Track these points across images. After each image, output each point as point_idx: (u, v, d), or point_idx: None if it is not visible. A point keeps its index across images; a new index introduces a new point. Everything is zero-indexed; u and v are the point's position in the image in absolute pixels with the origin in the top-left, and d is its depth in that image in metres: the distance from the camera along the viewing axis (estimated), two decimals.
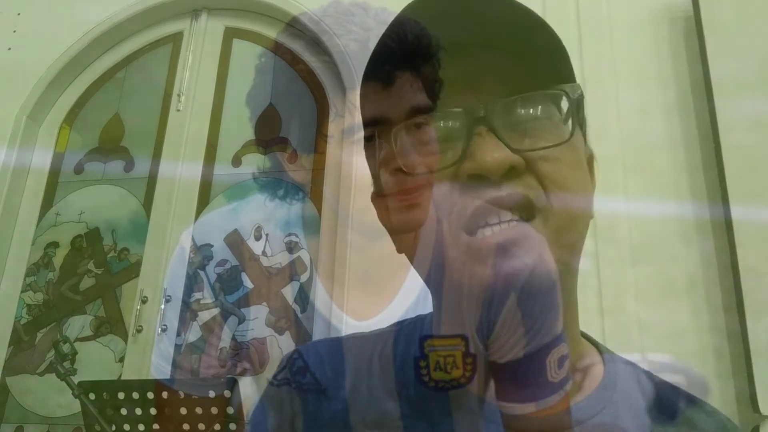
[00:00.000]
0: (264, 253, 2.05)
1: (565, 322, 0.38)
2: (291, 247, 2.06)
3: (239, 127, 2.23)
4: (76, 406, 1.52)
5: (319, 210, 2.04)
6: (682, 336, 1.58)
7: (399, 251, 0.46)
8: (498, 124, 0.40)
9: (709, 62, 1.70)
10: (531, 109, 0.41)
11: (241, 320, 2.00)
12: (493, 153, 0.39)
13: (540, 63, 0.42)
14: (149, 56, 2.46)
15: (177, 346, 2.00)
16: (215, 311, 2.01)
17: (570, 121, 0.42)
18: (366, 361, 0.50)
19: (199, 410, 1.15)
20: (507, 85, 0.41)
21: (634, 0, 1.92)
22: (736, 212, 1.57)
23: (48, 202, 2.33)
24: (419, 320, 0.52)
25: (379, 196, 0.44)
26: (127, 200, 2.26)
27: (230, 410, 1.15)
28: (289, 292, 1.96)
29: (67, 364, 1.38)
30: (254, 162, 2.18)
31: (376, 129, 0.44)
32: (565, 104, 0.42)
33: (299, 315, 1.95)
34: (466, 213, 0.38)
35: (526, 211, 0.40)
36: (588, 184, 0.45)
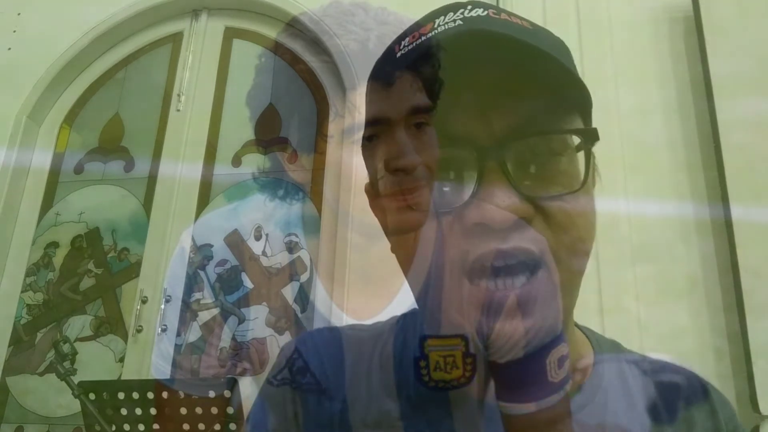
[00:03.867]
0: (264, 253, 2.05)
1: (566, 321, 0.38)
2: (291, 247, 2.06)
3: (239, 127, 2.23)
4: (76, 406, 1.52)
5: (319, 210, 2.04)
6: (682, 336, 1.58)
7: (393, 251, 0.45)
8: (510, 163, 0.38)
9: (709, 62, 1.70)
10: (546, 148, 0.40)
11: (241, 320, 2.00)
12: (502, 202, 0.37)
13: (557, 96, 0.40)
14: (149, 56, 2.46)
15: (177, 346, 2.00)
16: (215, 311, 2.01)
17: (590, 170, 0.40)
18: (366, 361, 0.50)
19: (199, 410, 1.15)
20: (521, 116, 0.39)
21: (634, 0, 1.92)
22: (736, 212, 1.57)
23: (48, 202, 2.33)
24: (417, 314, 0.51)
25: (377, 196, 0.44)
26: (127, 200, 2.26)
27: (230, 410, 1.15)
28: (289, 292, 1.96)
29: (67, 364, 1.38)
30: (254, 162, 2.18)
31: (376, 129, 0.44)
32: (579, 143, 0.40)
33: (299, 315, 1.95)
34: (468, 259, 0.37)
35: (528, 262, 0.38)
36: (594, 216, 0.43)
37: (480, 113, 0.39)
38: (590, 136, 0.40)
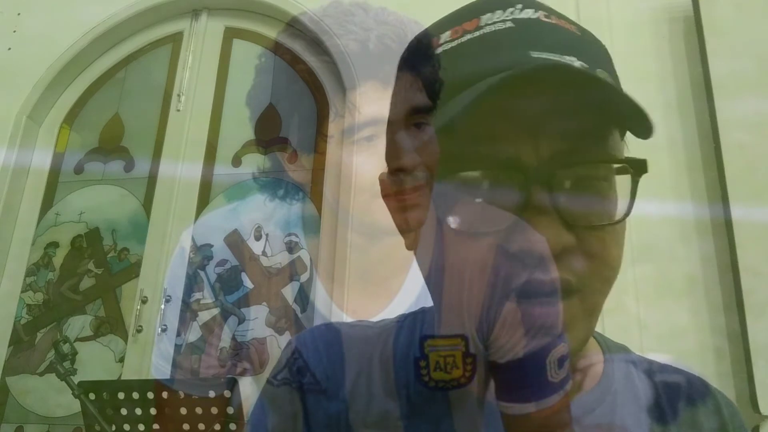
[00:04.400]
0: (264, 253, 2.04)
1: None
2: (291, 247, 2.06)
3: (239, 127, 2.23)
4: (76, 406, 1.52)
5: (319, 210, 2.04)
6: (682, 336, 1.58)
7: (408, 248, 0.45)
8: (557, 189, 0.37)
9: (709, 62, 1.70)
10: (594, 174, 0.38)
11: (241, 320, 2.00)
12: (548, 232, 0.36)
13: (605, 120, 0.39)
14: (149, 56, 2.46)
15: (177, 346, 2.00)
16: (215, 311, 2.01)
17: (633, 202, 0.39)
18: (366, 361, 0.50)
19: (199, 410, 1.15)
20: (570, 141, 0.37)
21: (634, 0, 1.92)
22: (736, 212, 1.57)
23: (48, 202, 2.33)
24: (420, 314, 0.51)
25: (383, 196, 0.44)
26: (127, 200, 2.26)
27: (230, 410, 1.15)
28: (289, 292, 1.96)
29: (67, 364, 1.38)
30: (254, 162, 2.18)
31: (376, 129, 0.44)
32: (620, 168, 0.39)
33: (299, 315, 1.95)
34: (510, 284, 0.36)
35: (565, 292, 0.38)
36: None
37: (529, 136, 0.37)
38: (639, 167, 0.39)
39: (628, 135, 0.43)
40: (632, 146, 0.41)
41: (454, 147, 0.37)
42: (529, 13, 0.40)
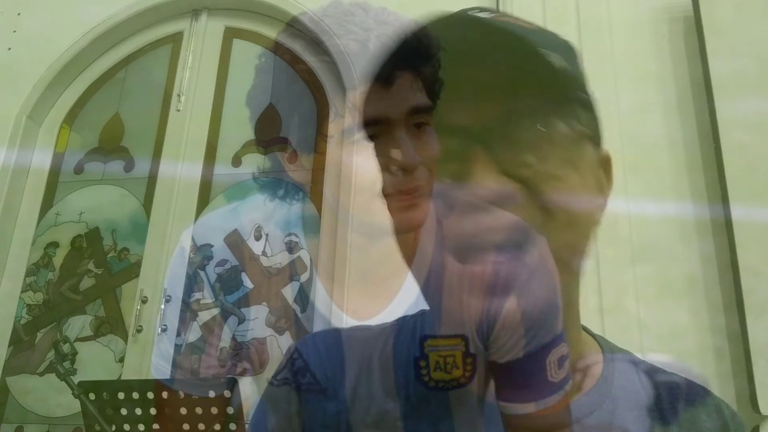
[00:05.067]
0: (264, 253, 2.04)
1: (566, 322, 0.38)
2: (291, 247, 2.06)
3: (239, 127, 2.23)
4: (76, 406, 1.51)
5: (319, 210, 2.03)
6: (682, 336, 1.58)
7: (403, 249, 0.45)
8: (495, 143, 0.39)
9: (709, 62, 1.70)
10: (529, 134, 0.40)
11: (241, 320, 2.00)
12: (486, 180, 0.38)
13: (538, 89, 0.41)
14: (149, 56, 2.46)
15: (177, 346, 1.99)
16: (215, 311, 2.00)
17: (567, 141, 0.40)
18: (366, 361, 0.50)
19: (199, 410, 1.14)
20: (509, 106, 0.40)
21: (634, 0, 1.92)
22: (736, 212, 1.57)
23: (48, 202, 2.33)
24: (420, 315, 0.51)
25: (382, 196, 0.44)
26: (127, 200, 2.26)
27: (230, 410, 1.15)
28: (289, 292, 1.96)
29: (67, 364, 1.38)
30: (254, 162, 2.18)
31: (376, 129, 0.44)
32: (565, 122, 0.41)
33: (299, 315, 1.95)
34: (457, 239, 0.38)
35: (520, 235, 0.38)
36: (592, 189, 0.44)
37: (472, 103, 0.40)
38: (583, 135, 0.41)
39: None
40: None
41: None
42: (484, 14, 0.42)
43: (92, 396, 1.23)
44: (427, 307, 0.49)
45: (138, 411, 1.17)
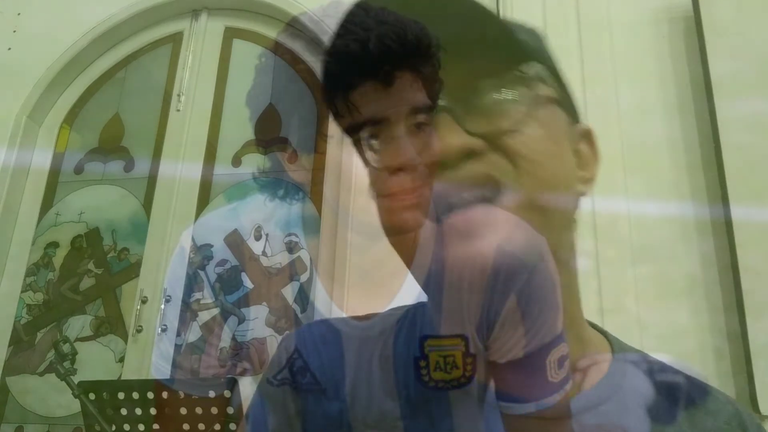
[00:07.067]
0: (264, 253, 2.05)
1: (566, 318, 0.38)
2: (291, 247, 2.06)
3: (239, 127, 2.24)
4: (76, 406, 1.52)
5: (319, 210, 2.04)
6: (682, 336, 1.58)
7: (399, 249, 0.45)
8: (458, 112, 0.41)
9: (709, 62, 1.70)
10: (490, 94, 0.42)
11: (241, 320, 2.01)
12: (449, 139, 0.40)
13: (495, 51, 0.42)
14: (149, 56, 2.46)
15: (177, 346, 2.00)
16: (215, 311, 2.01)
17: (531, 102, 0.42)
18: (366, 361, 0.50)
19: (199, 410, 1.15)
20: (468, 76, 0.41)
21: (634, 0, 1.92)
22: (736, 212, 1.57)
23: (48, 202, 2.33)
24: (421, 307, 0.51)
25: (378, 196, 0.44)
26: (127, 200, 2.26)
27: (230, 410, 1.15)
28: (289, 292, 1.96)
29: (67, 364, 1.38)
30: (254, 162, 2.18)
31: (375, 129, 0.44)
32: (525, 84, 0.43)
33: (299, 315, 1.96)
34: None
35: (490, 189, 0.40)
36: (565, 158, 0.45)
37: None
38: (527, 68, 0.42)
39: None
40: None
41: None
42: None
43: (92, 396, 1.24)
44: (425, 300, 0.49)
45: (138, 411, 1.18)
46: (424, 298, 0.48)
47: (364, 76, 0.43)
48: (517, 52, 0.43)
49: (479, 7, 0.42)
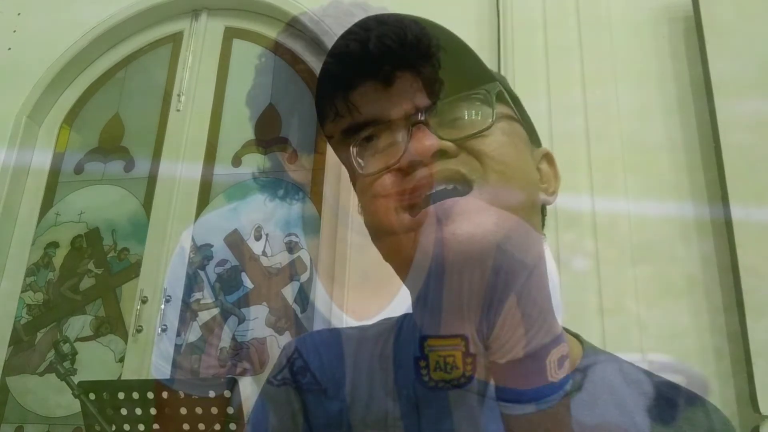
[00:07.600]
0: (264, 253, 2.05)
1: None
2: (291, 247, 2.06)
3: (239, 127, 2.24)
4: (76, 406, 1.52)
5: (319, 210, 2.04)
6: (682, 336, 1.58)
7: (386, 259, 0.46)
8: (432, 122, 0.43)
9: (709, 62, 1.70)
10: (459, 108, 0.44)
11: (241, 320, 2.01)
12: (423, 141, 0.42)
13: (462, 72, 0.46)
14: (149, 56, 2.46)
15: (177, 346, 2.00)
16: (215, 311, 2.01)
17: (494, 114, 0.44)
18: (366, 361, 0.50)
19: (199, 410, 1.15)
20: (439, 94, 0.45)
21: (634, 0, 1.92)
22: (736, 212, 1.57)
23: (48, 202, 2.33)
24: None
25: (377, 196, 0.44)
26: (127, 200, 2.26)
27: (230, 410, 1.15)
28: (289, 292, 1.96)
29: (67, 364, 1.38)
30: (254, 162, 2.18)
31: (376, 129, 0.44)
32: (489, 100, 0.45)
33: (299, 315, 1.96)
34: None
35: (461, 183, 0.42)
36: (528, 166, 0.47)
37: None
38: (491, 88, 0.45)
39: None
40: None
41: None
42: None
43: (92, 396, 1.24)
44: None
45: (138, 411, 1.18)
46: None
47: (365, 76, 0.44)
48: (482, 74, 0.46)
49: (454, 36, 0.45)
